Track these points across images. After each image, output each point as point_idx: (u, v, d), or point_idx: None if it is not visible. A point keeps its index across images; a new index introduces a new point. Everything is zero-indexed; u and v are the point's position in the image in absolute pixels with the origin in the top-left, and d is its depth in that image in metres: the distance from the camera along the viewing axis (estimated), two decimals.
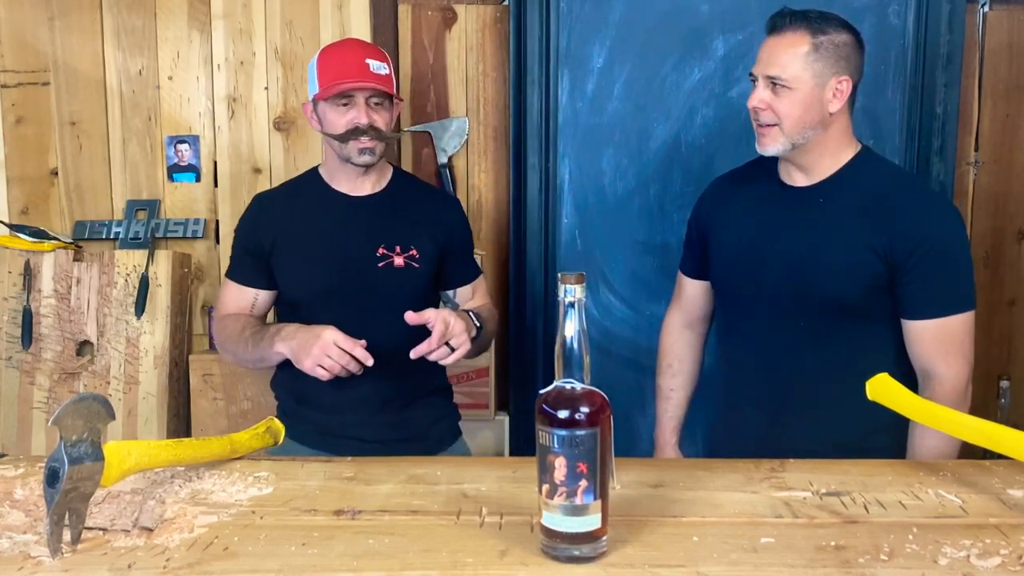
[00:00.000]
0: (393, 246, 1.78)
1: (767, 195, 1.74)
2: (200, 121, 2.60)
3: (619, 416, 1.08)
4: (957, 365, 1.59)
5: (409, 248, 1.79)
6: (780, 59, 1.59)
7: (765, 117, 1.62)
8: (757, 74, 1.63)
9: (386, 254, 1.78)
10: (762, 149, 1.66)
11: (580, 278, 1.00)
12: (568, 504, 0.97)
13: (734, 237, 1.76)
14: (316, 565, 0.99)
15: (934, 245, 1.57)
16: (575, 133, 2.51)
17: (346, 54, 1.75)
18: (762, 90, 1.62)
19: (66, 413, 1.03)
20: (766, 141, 1.64)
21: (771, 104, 1.61)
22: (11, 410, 2.50)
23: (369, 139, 1.72)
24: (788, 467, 1.33)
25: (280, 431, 1.49)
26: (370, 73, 1.71)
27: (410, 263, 1.79)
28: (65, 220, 2.62)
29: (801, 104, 1.60)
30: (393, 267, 1.77)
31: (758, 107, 1.62)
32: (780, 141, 1.63)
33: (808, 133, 1.62)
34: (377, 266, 1.77)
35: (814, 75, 1.59)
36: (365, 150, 1.73)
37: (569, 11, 2.46)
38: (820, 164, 1.67)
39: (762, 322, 1.72)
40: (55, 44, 2.57)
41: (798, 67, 1.59)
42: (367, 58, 1.73)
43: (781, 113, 1.60)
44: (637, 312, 2.54)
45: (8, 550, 1.04)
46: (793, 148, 1.63)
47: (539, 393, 1.02)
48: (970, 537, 1.06)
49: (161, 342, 2.48)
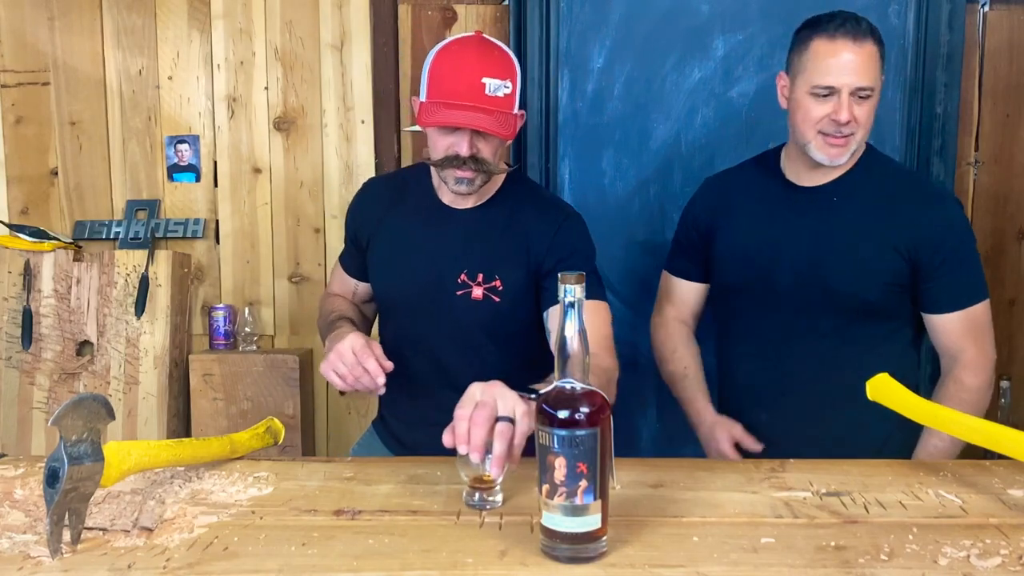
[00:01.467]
0: (475, 274, 1.59)
1: (776, 195, 1.73)
2: (200, 121, 2.59)
3: (619, 416, 1.08)
4: (987, 345, 1.66)
5: (493, 278, 1.59)
6: (869, 70, 1.58)
7: (849, 128, 1.60)
8: (840, 86, 1.58)
9: (466, 282, 1.59)
10: (833, 160, 1.64)
11: (580, 278, 1.00)
12: (568, 504, 0.97)
13: (744, 238, 1.74)
14: (316, 565, 0.99)
15: (954, 242, 1.63)
16: (575, 133, 2.51)
17: (463, 67, 1.49)
18: (848, 100, 1.58)
19: (66, 413, 1.03)
20: (842, 152, 1.63)
21: (855, 115, 1.59)
22: (11, 410, 2.50)
23: (468, 170, 1.52)
24: (788, 467, 1.33)
25: (280, 431, 1.49)
26: (484, 96, 1.47)
27: (489, 296, 1.59)
28: (65, 220, 2.62)
29: (872, 111, 1.61)
30: (470, 299, 1.59)
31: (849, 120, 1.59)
32: (851, 149, 1.63)
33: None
34: (455, 294, 1.59)
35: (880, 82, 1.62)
36: (463, 180, 1.53)
37: (569, 11, 2.46)
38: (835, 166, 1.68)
39: (777, 323, 1.71)
40: (55, 44, 2.57)
41: (877, 76, 1.60)
42: (484, 76, 1.47)
43: (861, 122, 1.60)
44: (637, 312, 2.54)
45: (8, 550, 1.04)
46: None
47: (539, 393, 1.02)
48: (970, 537, 1.06)
49: (161, 342, 2.48)
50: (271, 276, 2.63)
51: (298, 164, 2.59)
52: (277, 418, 1.52)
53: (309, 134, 2.58)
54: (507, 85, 1.50)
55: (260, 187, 2.61)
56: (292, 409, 2.47)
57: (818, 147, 1.63)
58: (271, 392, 2.47)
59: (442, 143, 1.53)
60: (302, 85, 2.57)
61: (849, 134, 1.61)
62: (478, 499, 1.17)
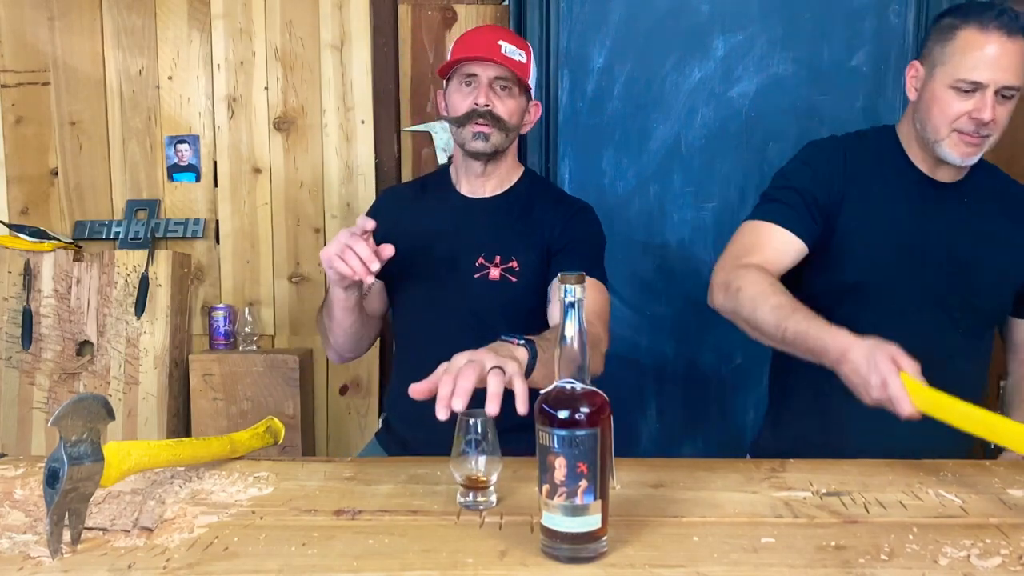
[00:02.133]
0: (493, 256, 1.65)
1: (913, 185, 1.59)
2: (200, 121, 2.59)
3: (619, 416, 1.08)
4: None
5: (510, 259, 1.64)
6: (1017, 66, 1.46)
7: (988, 128, 1.48)
8: (989, 82, 1.46)
9: (484, 264, 1.65)
10: (968, 159, 1.52)
11: (580, 278, 1.00)
12: (568, 504, 0.97)
13: (875, 225, 1.57)
14: (316, 565, 0.99)
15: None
16: (575, 133, 2.51)
17: (481, 34, 1.67)
18: (992, 99, 1.46)
19: (66, 413, 1.03)
20: (975, 152, 1.52)
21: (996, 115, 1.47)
22: (11, 410, 2.50)
23: (485, 123, 1.60)
24: (788, 467, 1.33)
25: (280, 431, 1.49)
26: (500, 54, 1.60)
27: (506, 276, 1.64)
28: (65, 220, 2.62)
29: (1010, 113, 1.50)
30: (488, 279, 1.63)
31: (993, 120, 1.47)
32: (983, 150, 1.53)
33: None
34: (473, 277, 1.64)
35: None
36: (479, 135, 1.61)
37: (569, 11, 2.46)
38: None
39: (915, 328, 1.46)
40: (55, 44, 2.57)
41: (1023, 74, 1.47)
42: (500, 40, 1.62)
43: (1000, 123, 1.50)
44: (637, 312, 2.54)
45: (8, 550, 1.04)
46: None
47: (539, 393, 1.02)
48: (970, 537, 1.06)
49: (161, 342, 2.48)
50: (271, 276, 2.63)
51: (298, 164, 2.59)
52: (277, 418, 1.52)
53: (309, 134, 2.58)
54: (522, 54, 1.64)
55: (260, 187, 2.61)
56: (292, 409, 2.47)
57: (951, 145, 1.50)
58: (271, 392, 2.48)
59: (463, 103, 1.63)
60: (302, 85, 2.57)
61: (987, 135, 1.49)
62: (472, 499, 1.17)
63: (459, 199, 1.73)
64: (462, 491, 1.18)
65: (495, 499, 1.18)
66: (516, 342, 1.23)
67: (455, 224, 1.70)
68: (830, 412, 1.55)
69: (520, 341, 1.24)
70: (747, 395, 2.49)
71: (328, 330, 1.67)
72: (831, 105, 2.41)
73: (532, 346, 1.24)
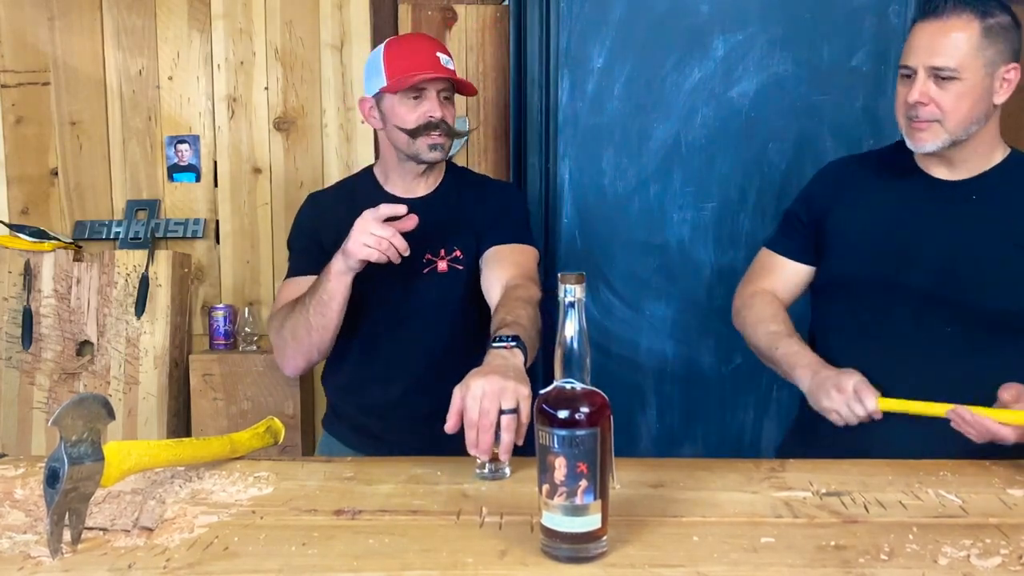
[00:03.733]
0: (438, 250, 1.72)
1: (909, 185, 1.58)
2: (200, 121, 2.60)
3: (619, 416, 1.08)
4: None
5: (453, 249, 1.73)
6: (946, 46, 1.43)
7: (926, 112, 1.46)
8: (915, 65, 1.46)
9: (431, 259, 1.72)
10: (919, 146, 1.51)
11: (580, 278, 1.00)
12: (568, 504, 0.97)
13: (867, 225, 1.59)
14: (316, 565, 0.99)
15: None
16: (575, 133, 2.50)
17: (417, 46, 1.71)
18: (923, 82, 1.45)
19: (66, 413, 1.03)
20: (925, 137, 1.49)
21: (935, 98, 1.46)
22: (11, 410, 2.50)
23: (440, 134, 1.68)
24: (788, 467, 1.33)
25: (280, 431, 1.49)
26: (442, 67, 1.68)
27: (453, 265, 1.72)
28: (65, 220, 2.62)
29: (968, 97, 1.45)
30: (437, 272, 1.72)
31: (920, 101, 1.46)
32: (941, 138, 1.48)
33: (972, 128, 1.48)
34: (423, 273, 1.72)
35: (985, 63, 1.45)
36: (436, 146, 1.68)
37: (569, 11, 2.46)
38: (969, 162, 1.54)
39: (903, 324, 1.53)
40: (55, 44, 2.57)
41: (966, 55, 1.43)
42: (437, 52, 1.69)
43: (946, 108, 1.46)
44: (637, 312, 2.54)
45: (8, 550, 1.04)
46: (952, 144, 1.50)
47: (539, 393, 1.02)
48: (970, 537, 1.06)
49: (161, 342, 2.48)
50: (271, 276, 2.63)
51: (298, 164, 2.59)
52: (277, 418, 1.52)
53: (309, 134, 2.59)
54: (452, 63, 1.72)
55: (260, 187, 2.61)
56: (292, 409, 2.47)
57: (907, 134, 1.51)
58: (271, 392, 2.48)
59: (413, 115, 1.67)
60: (302, 85, 2.57)
61: (930, 119, 1.47)
62: (489, 470, 1.26)
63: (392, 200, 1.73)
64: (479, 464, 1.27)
65: (509, 471, 1.27)
66: (509, 345, 1.32)
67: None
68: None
69: (512, 343, 1.33)
70: (747, 395, 2.49)
71: (311, 331, 1.63)
72: (831, 105, 2.40)
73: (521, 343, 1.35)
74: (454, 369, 1.37)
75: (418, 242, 1.69)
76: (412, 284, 1.71)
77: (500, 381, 1.20)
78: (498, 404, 1.19)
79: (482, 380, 1.20)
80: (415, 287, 1.71)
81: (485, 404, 1.18)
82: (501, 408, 1.19)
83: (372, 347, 1.75)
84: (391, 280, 1.70)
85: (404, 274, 1.69)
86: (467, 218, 1.74)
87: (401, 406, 1.74)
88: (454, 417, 1.21)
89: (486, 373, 1.22)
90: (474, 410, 1.19)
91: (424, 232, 1.69)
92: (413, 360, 1.72)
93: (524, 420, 1.20)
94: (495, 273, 1.65)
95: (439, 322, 1.72)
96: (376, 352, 1.74)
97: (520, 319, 1.42)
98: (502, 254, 1.69)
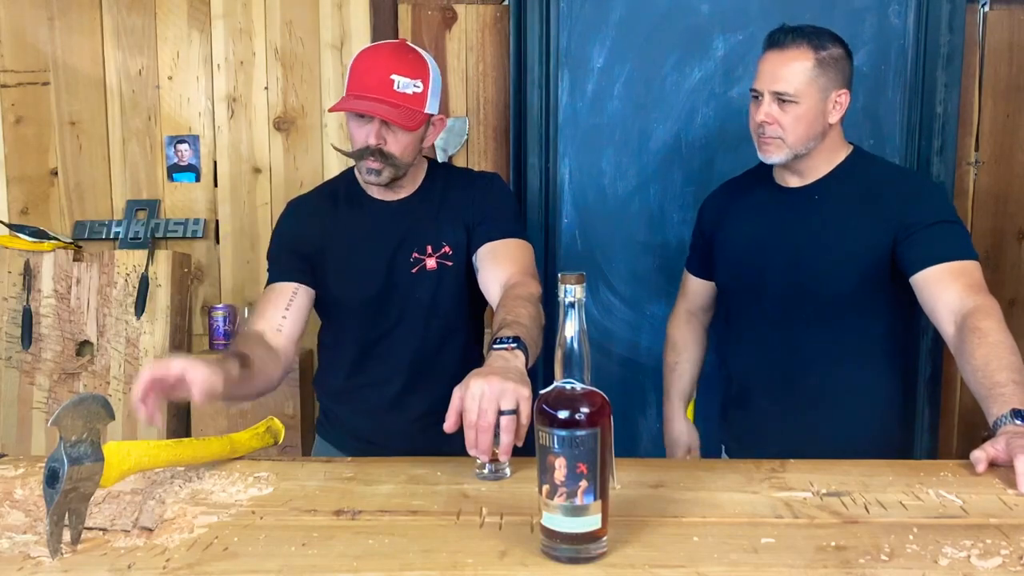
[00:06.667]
0: (425, 248, 1.70)
1: (765, 198, 1.81)
2: (200, 121, 2.59)
3: (619, 416, 1.08)
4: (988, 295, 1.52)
5: (441, 246, 1.70)
6: (785, 75, 1.66)
7: (771, 131, 1.69)
8: (762, 89, 1.69)
9: (419, 258, 1.70)
10: (766, 158, 1.73)
11: (580, 278, 1.00)
12: (568, 504, 0.97)
13: (737, 240, 1.83)
14: (316, 565, 0.99)
15: (926, 213, 1.64)
16: (575, 133, 2.51)
17: (373, 64, 1.62)
18: (768, 105, 1.68)
19: (66, 413, 1.03)
20: (771, 151, 1.71)
21: (777, 118, 1.68)
22: (11, 410, 2.50)
23: (375, 161, 1.63)
24: (788, 467, 1.33)
25: (280, 431, 1.49)
26: (392, 91, 1.59)
27: (443, 262, 1.70)
28: (65, 220, 2.62)
29: (805, 118, 1.67)
30: (426, 270, 1.70)
31: (765, 121, 1.68)
32: (784, 152, 1.70)
33: (810, 144, 1.70)
34: (411, 272, 1.70)
35: (818, 90, 1.66)
36: (373, 171, 1.64)
37: (569, 11, 2.46)
38: (815, 168, 1.75)
39: (767, 319, 1.78)
40: (55, 44, 2.57)
41: (803, 82, 1.65)
42: (393, 73, 1.59)
43: (786, 127, 1.68)
44: (637, 312, 2.54)
45: (8, 550, 1.04)
46: (795, 158, 1.71)
47: (539, 393, 1.02)
48: (970, 537, 1.06)
49: (161, 342, 2.48)
50: None
51: (298, 164, 2.59)
52: (277, 418, 1.52)
53: (309, 134, 2.59)
54: (418, 85, 1.62)
55: (260, 187, 2.61)
56: (292, 409, 2.47)
57: (757, 147, 1.74)
58: (271, 392, 2.47)
59: (358, 136, 1.63)
60: (302, 85, 2.57)
61: (774, 136, 1.69)
62: (489, 470, 1.27)
63: (377, 204, 1.74)
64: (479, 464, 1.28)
65: (509, 471, 1.28)
66: (509, 346, 1.31)
67: (380, 227, 1.72)
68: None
69: (512, 344, 1.31)
70: None
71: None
72: None
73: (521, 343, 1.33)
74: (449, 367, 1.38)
75: (402, 243, 1.71)
76: (403, 284, 1.70)
77: (500, 382, 1.19)
78: (497, 405, 1.18)
79: (482, 381, 1.20)
80: (407, 287, 1.70)
81: (484, 404, 1.18)
82: (500, 409, 1.18)
83: (364, 351, 1.74)
84: (380, 282, 1.70)
85: (393, 275, 1.69)
86: (454, 213, 1.72)
87: (395, 408, 1.74)
88: (453, 417, 1.20)
89: (486, 374, 1.22)
90: (473, 410, 1.18)
91: (409, 231, 1.72)
92: (407, 361, 1.72)
93: (524, 421, 1.19)
94: (493, 272, 1.65)
95: (432, 320, 1.72)
96: (369, 356, 1.74)
97: (520, 318, 1.42)
98: (497, 251, 1.67)
